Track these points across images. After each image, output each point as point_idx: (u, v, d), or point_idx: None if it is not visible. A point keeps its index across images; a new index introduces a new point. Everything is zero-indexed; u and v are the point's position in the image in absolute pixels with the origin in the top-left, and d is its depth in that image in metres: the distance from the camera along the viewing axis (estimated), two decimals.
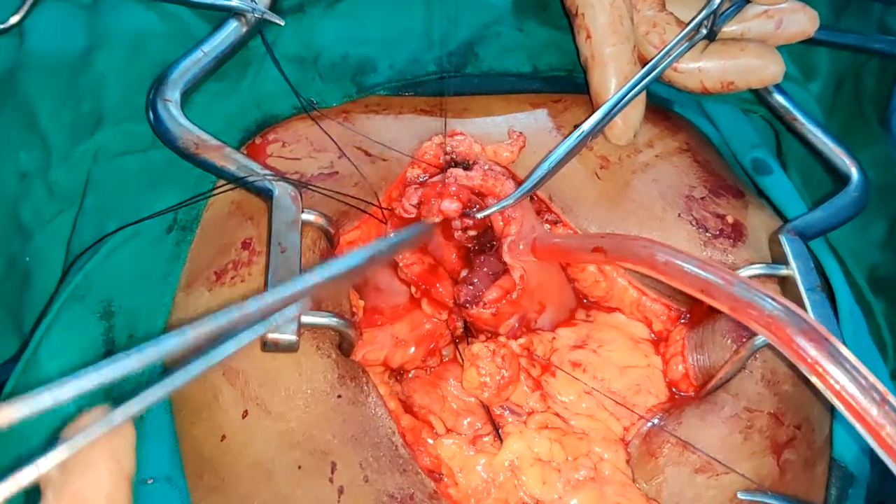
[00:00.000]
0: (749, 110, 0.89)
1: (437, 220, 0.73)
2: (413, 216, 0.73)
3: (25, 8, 0.82)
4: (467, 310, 0.72)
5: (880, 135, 1.13)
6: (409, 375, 0.73)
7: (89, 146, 0.76)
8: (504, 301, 0.72)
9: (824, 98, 1.10)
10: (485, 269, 0.74)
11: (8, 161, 0.77)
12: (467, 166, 0.76)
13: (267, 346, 0.59)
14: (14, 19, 0.81)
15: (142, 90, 0.74)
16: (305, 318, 0.61)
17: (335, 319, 0.63)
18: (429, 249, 0.76)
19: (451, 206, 0.72)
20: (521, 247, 0.72)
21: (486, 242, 0.75)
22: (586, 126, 0.72)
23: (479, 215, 0.71)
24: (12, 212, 0.78)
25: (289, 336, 0.59)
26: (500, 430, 0.69)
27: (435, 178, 0.75)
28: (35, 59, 0.80)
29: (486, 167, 0.76)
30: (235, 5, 0.76)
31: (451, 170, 0.74)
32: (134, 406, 0.45)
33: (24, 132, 0.76)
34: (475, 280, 0.73)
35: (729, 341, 0.71)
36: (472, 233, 0.75)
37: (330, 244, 0.69)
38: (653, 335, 0.78)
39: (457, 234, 0.74)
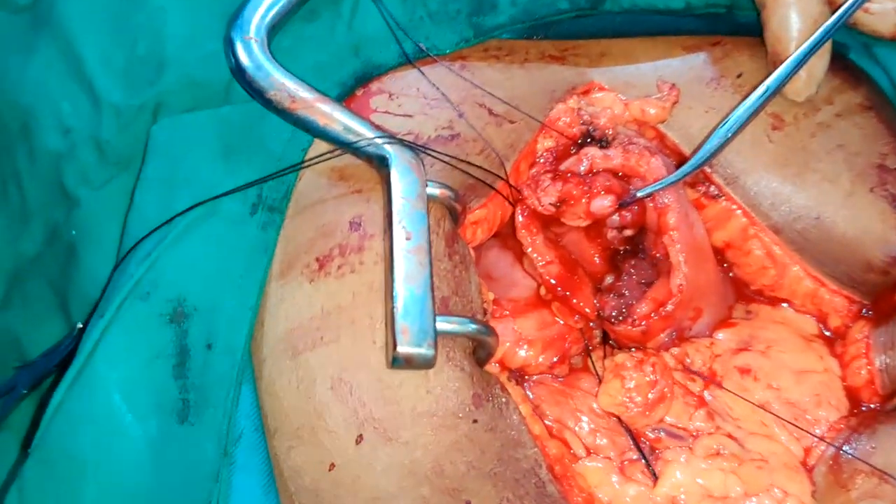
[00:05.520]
0: None
1: (584, 223, 0.62)
2: (551, 214, 0.61)
3: None
4: (612, 325, 0.61)
5: None
6: (533, 379, 0.61)
7: (148, 99, 0.63)
8: (656, 315, 0.60)
9: None
10: (634, 277, 0.63)
11: (47, 112, 0.65)
12: (605, 143, 0.64)
13: (397, 362, 0.47)
14: None
15: (212, 29, 0.61)
16: (441, 325, 0.48)
17: (473, 325, 0.51)
18: (564, 242, 0.63)
19: (603, 202, 0.61)
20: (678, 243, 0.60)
21: (638, 244, 0.64)
22: (771, 80, 0.59)
23: (640, 193, 0.59)
24: (54, 174, 0.66)
25: (425, 350, 0.47)
26: (649, 460, 0.58)
27: (568, 162, 0.63)
28: None
29: (625, 142, 0.63)
30: None
31: (586, 150, 0.63)
32: None
33: (67, 77, 0.65)
34: (624, 291, 0.62)
35: None
36: (628, 232, 0.63)
37: (454, 224, 0.56)
38: (827, 332, 0.65)
39: (610, 235, 0.63)
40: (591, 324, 0.63)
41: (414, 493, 0.51)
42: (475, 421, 0.51)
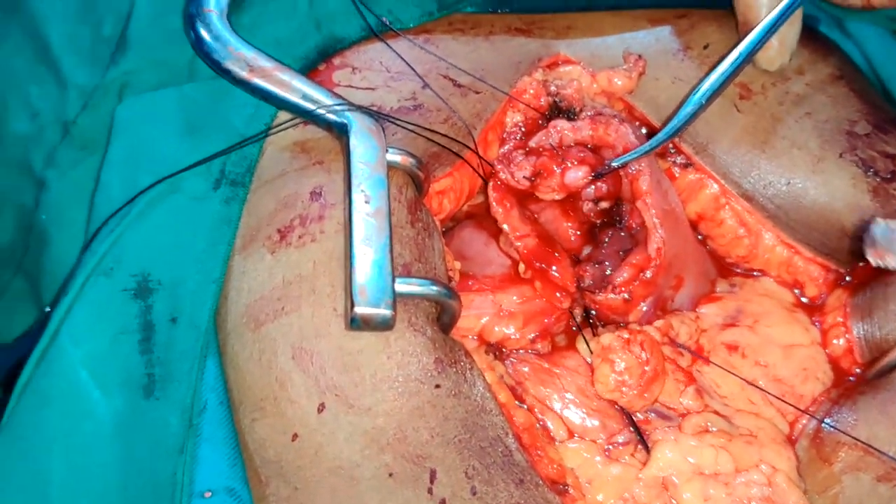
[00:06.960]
0: None
1: (559, 196, 0.61)
2: (526, 188, 0.60)
3: None
4: (592, 295, 0.59)
5: None
6: (515, 355, 0.60)
7: (113, 79, 0.63)
8: (637, 282, 0.59)
9: None
10: (613, 246, 0.62)
11: (15, 96, 0.65)
12: (573, 114, 0.63)
13: (355, 323, 0.46)
14: None
15: (176, 7, 0.61)
16: (400, 287, 0.47)
17: (435, 287, 0.50)
18: (541, 220, 0.62)
19: (577, 174, 0.60)
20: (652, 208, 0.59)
21: (615, 216, 0.63)
22: (743, 46, 0.58)
23: (616, 163, 0.58)
24: (23, 158, 0.66)
25: (383, 310, 0.46)
26: (645, 439, 0.56)
27: (538, 137, 0.62)
28: None
29: (591, 113, 0.62)
30: None
31: (555, 122, 0.62)
32: None
33: (34, 61, 0.65)
34: (602, 259, 0.61)
35: None
36: (604, 205, 0.62)
37: (418, 192, 0.55)
38: (805, 301, 0.64)
39: (586, 208, 0.62)
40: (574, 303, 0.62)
41: (377, 460, 0.50)
42: (438, 386, 0.50)
